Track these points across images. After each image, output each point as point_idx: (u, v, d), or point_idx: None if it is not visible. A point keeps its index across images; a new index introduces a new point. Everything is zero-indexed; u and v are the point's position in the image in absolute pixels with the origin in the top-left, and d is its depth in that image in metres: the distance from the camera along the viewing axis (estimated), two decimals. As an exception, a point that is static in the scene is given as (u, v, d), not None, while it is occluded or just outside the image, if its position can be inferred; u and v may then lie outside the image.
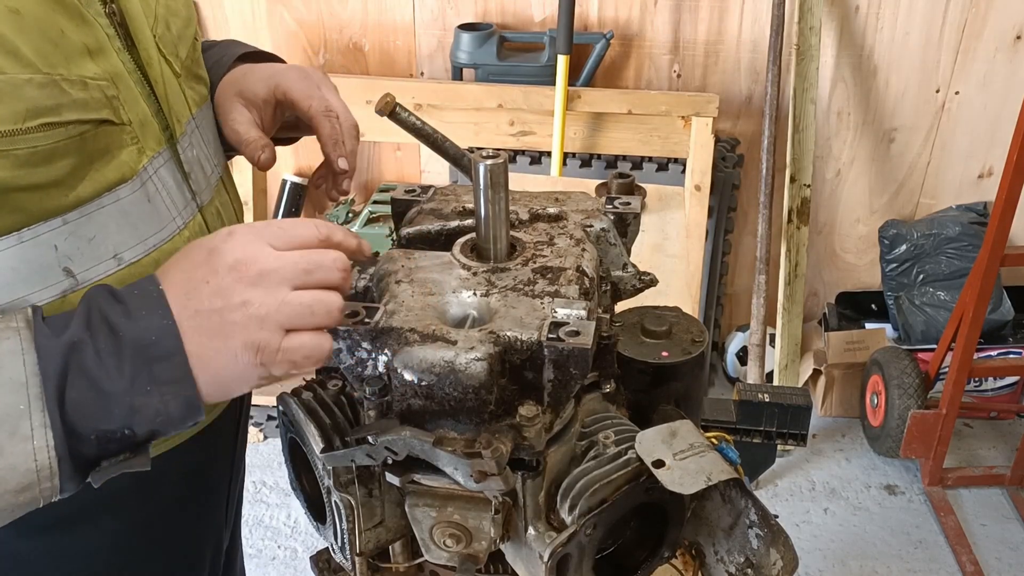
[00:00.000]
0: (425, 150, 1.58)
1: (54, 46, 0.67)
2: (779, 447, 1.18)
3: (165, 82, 0.81)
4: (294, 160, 2.94)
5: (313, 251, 0.66)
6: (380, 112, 0.93)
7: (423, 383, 0.67)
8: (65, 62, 0.68)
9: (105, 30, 0.74)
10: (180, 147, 0.83)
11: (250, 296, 0.62)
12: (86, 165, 0.71)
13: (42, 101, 0.66)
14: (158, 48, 0.81)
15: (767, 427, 1.16)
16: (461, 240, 0.83)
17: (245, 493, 2.59)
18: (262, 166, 0.93)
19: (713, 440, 0.83)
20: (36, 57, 0.65)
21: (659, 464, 0.70)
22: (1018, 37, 2.66)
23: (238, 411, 1.08)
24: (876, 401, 2.70)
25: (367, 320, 0.70)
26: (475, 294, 0.74)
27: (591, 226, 0.87)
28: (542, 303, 0.73)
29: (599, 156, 2.76)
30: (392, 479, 0.73)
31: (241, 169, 2.68)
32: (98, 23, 0.73)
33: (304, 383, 0.84)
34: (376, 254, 0.85)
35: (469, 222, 0.85)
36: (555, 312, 0.72)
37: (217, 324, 0.62)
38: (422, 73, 2.88)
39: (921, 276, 2.82)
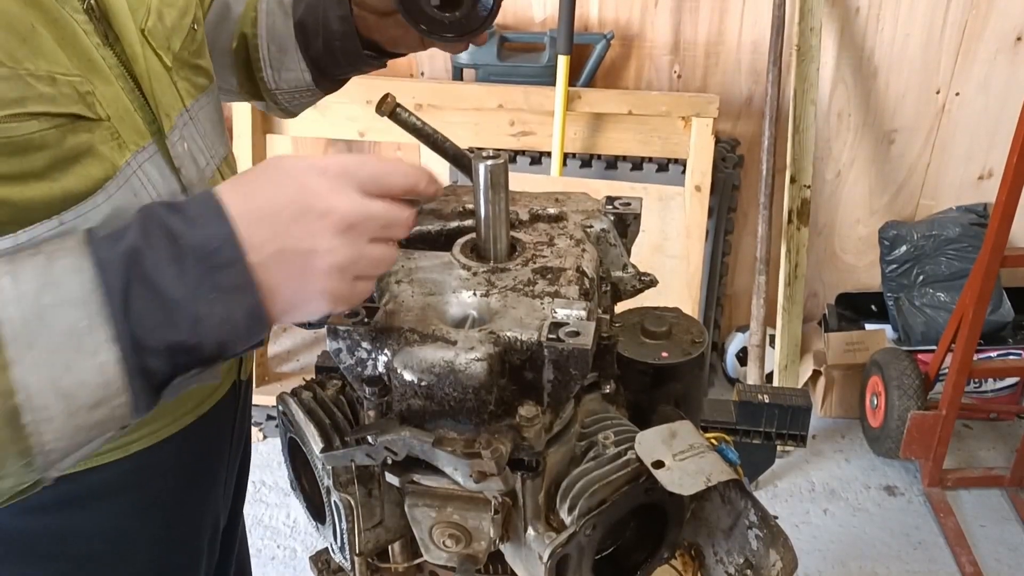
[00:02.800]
0: (425, 150, 1.58)
1: (22, 41, 0.66)
2: (779, 448, 1.18)
3: (151, 76, 0.80)
4: (293, 151, 2.94)
5: (393, 206, 0.67)
6: (381, 112, 0.93)
7: (423, 383, 0.67)
8: (33, 57, 0.67)
9: (82, 26, 0.72)
10: (169, 141, 0.82)
11: (335, 245, 0.63)
12: (69, 160, 0.71)
13: (5, 93, 0.65)
14: (146, 42, 0.80)
15: (767, 428, 1.16)
16: (461, 240, 0.83)
17: (245, 493, 2.59)
18: None
19: (713, 441, 0.83)
20: (1, 53, 0.64)
21: (659, 465, 0.70)
22: (1018, 39, 2.66)
23: (237, 393, 1.08)
24: (876, 402, 2.70)
25: (367, 320, 0.70)
26: (475, 294, 0.74)
27: (591, 226, 0.87)
28: (542, 303, 0.73)
29: (599, 156, 2.76)
30: (392, 479, 0.73)
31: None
32: (74, 18, 0.72)
33: (304, 383, 0.85)
34: None
35: (469, 222, 0.85)
36: (555, 312, 0.72)
37: (301, 266, 0.63)
38: (422, 73, 2.88)
39: (921, 277, 2.82)
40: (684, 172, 2.67)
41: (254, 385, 2.75)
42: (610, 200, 0.91)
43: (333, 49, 1.03)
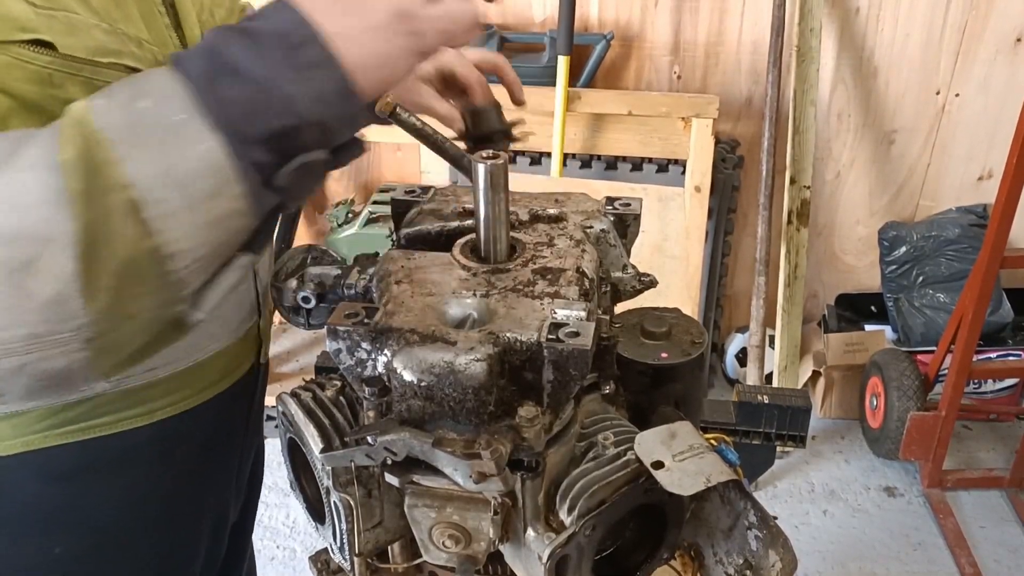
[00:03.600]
0: (425, 151, 1.58)
1: (116, 5, 0.76)
2: (778, 449, 1.18)
3: None
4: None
5: None
6: (380, 113, 0.93)
7: (423, 383, 0.67)
8: (125, 21, 0.76)
9: (157, 7, 0.82)
10: None
11: None
12: None
13: (109, 44, 0.73)
14: (202, 33, 0.88)
15: (766, 428, 1.16)
16: (461, 241, 0.83)
17: (244, 493, 2.59)
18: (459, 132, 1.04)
19: (712, 441, 0.83)
20: (102, 10, 0.74)
21: (658, 465, 0.70)
22: (1018, 39, 2.66)
23: (256, 375, 1.10)
24: (875, 403, 2.71)
25: (367, 320, 0.70)
26: (475, 295, 0.74)
27: (591, 227, 0.87)
28: (542, 304, 0.73)
29: (599, 157, 2.76)
30: (391, 480, 0.73)
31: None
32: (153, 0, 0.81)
33: (303, 383, 0.85)
34: (375, 255, 0.85)
35: (469, 223, 0.85)
36: (555, 313, 0.71)
37: (366, 4, 0.63)
38: (422, 74, 2.88)
39: (921, 278, 2.82)
40: (684, 173, 2.67)
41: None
42: (610, 201, 0.91)
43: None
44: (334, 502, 0.79)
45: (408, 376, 0.67)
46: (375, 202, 2.84)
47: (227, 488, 1.10)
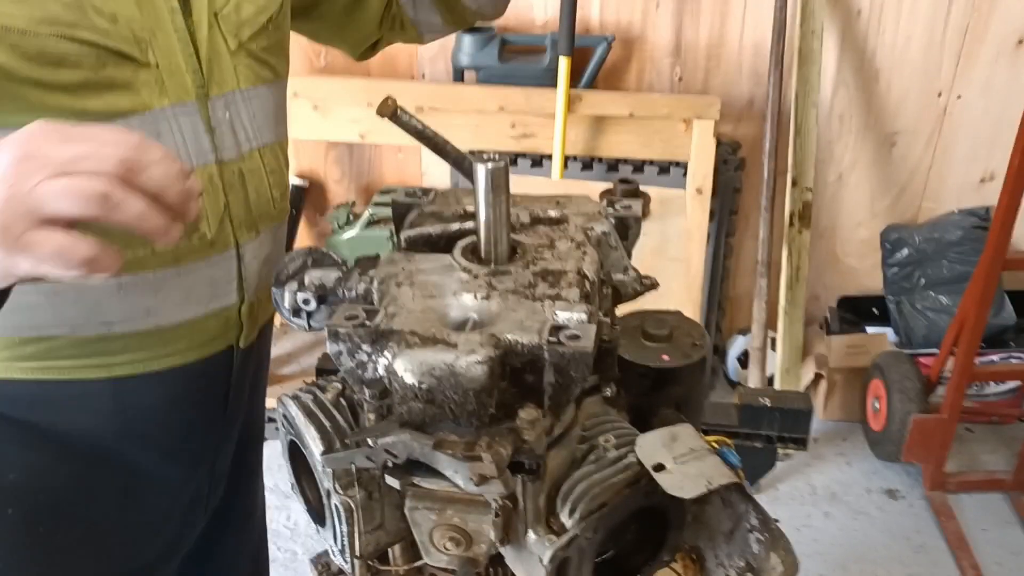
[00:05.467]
0: (426, 152, 1.58)
1: None
2: (780, 451, 1.18)
3: (212, 49, 0.91)
4: (296, 162, 2.94)
5: (92, 144, 0.61)
6: (381, 114, 0.93)
7: (423, 386, 0.67)
8: None
9: None
10: (211, 105, 0.92)
11: (4, 175, 0.59)
12: (100, 86, 0.81)
13: (63, 16, 0.76)
14: (215, 21, 0.91)
15: (768, 431, 1.16)
16: (462, 243, 0.83)
17: (245, 495, 2.59)
18: None
19: (714, 444, 0.83)
20: None
21: (659, 468, 0.70)
22: (1020, 41, 2.66)
23: (231, 360, 1.07)
24: (877, 405, 2.70)
25: (367, 323, 0.70)
26: (476, 297, 0.74)
27: (592, 229, 0.87)
28: (543, 306, 0.73)
29: (600, 159, 2.76)
30: (392, 482, 0.73)
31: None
32: None
33: (304, 386, 0.85)
34: (376, 257, 0.85)
35: (470, 225, 0.85)
36: (556, 315, 0.71)
37: None
38: (423, 75, 2.88)
39: (923, 280, 2.82)
40: (685, 175, 2.67)
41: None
42: (611, 203, 0.91)
43: None
44: (335, 504, 0.79)
45: (409, 378, 0.67)
46: (376, 204, 2.84)
47: (194, 467, 1.08)
